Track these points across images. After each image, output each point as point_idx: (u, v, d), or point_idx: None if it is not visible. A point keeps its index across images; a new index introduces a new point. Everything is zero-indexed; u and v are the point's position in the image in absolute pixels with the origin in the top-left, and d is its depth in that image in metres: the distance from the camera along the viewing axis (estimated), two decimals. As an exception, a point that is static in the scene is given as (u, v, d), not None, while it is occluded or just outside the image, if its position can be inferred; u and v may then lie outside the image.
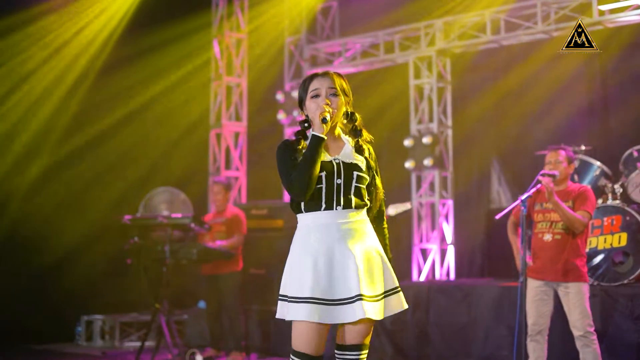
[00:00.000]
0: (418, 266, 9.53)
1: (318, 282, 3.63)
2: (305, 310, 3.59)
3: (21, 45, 9.73)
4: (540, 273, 5.90)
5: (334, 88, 3.76)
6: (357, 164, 3.75)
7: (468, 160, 10.01)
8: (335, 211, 3.70)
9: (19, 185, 9.67)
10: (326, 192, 3.71)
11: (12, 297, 9.48)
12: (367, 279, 3.64)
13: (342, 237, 3.68)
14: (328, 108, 3.69)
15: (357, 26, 10.47)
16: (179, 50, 10.39)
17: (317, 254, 3.67)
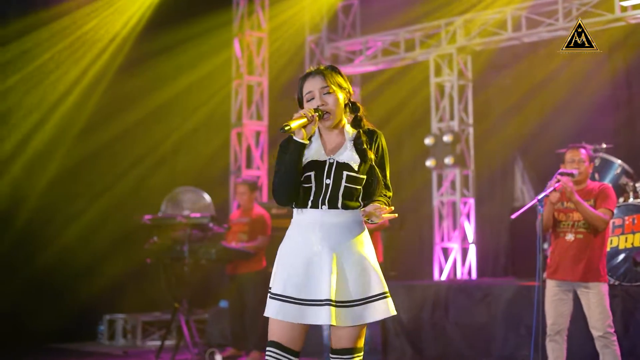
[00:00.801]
0: (439, 265, 9.48)
1: (293, 281, 3.58)
2: (275, 307, 3.58)
3: (44, 44, 9.80)
4: (560, 273, 5.83)
5: (327, 86, 3.68)
6: (349, 164, 3.64)
7: (490, 158, 9.94)
8: (321, 210, 3.64)
9: (39, 183, 9.72)
10: (315, 191, 3.64)
11: (35, 297, 9.55)
12: (341, 284, 3.56)
13: (323, 238, 3.61)
14: (309, 112, 3.60)
15: (377, 24, 10.43)
16: (200, 49, 10.39)
17: (298, 252, 3.63)
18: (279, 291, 3.59)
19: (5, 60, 9.53)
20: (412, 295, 8.09)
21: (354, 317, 3.55)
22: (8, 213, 9.46)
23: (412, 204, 10.37)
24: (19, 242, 9.47)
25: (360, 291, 3.56)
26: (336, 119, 3.70)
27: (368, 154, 3.66)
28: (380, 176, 3.71)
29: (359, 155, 3.66)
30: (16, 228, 9.46)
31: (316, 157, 3.68)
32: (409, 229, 10.14)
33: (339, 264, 3.58)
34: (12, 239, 9.42)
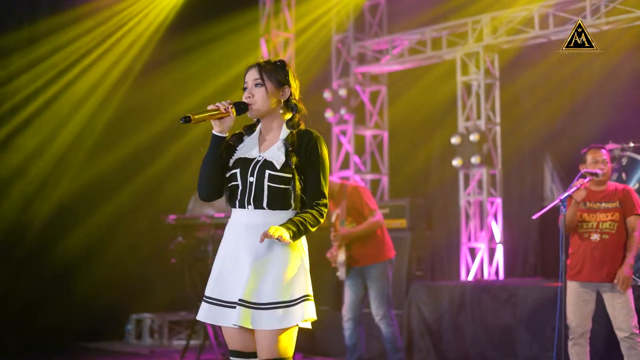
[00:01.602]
0: (466, 265, 9.41)
1: (218, 282, 3.56)
2: (202, 310, 3.58)
3: (71, 42, 9.88)
4: (584, 274, 5.75)
5: (258, 78, 3.61)
6: (272, 162, 3.55)
7: (519, 157, 9.85)
8: (247, 210, 3.57)
9: (64, 180, 9.80)
10: (241, 190, 3.57)
11: (63, 297, 9.63)
12: (259, 286, 3.46)
13: (247, 238, 3.53)
14: (223, 105, 3.54)
15: (404, 23, 10.37)
16: (226, 49, 10.39)
17: (226, 253, 3.60)
18: (207, 292, 3.59)
19: (34, 58, 9.63)
20: (437, 296, 8.05)
21: (271, 321, 3.44)
22: (32, 211, 9.55)
23: (439, 204, 10.31)
24: (46, 240, 9.56)
25: (279, 294, 3.46)
26: (260, 113, 3.64)
27: (290, 157, 3.55)
28: (313, 180, 3.61)
29: (285, 156, 3.56)
30: (42, 226, 9.54)
31: (245, 155, 3.63)
32: (436, 228, 10.08)
33: (260, 265, 3.48)
34: (38, 237, 9.51)
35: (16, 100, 9.52)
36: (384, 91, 10.71)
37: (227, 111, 3.54)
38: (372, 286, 6.95)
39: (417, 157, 10.61)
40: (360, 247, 6.91)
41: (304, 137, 3.63)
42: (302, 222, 3.52)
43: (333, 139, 10.69)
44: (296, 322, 3.48)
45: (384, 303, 6.95)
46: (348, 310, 7.06)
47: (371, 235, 6.94)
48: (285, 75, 3.68)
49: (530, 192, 9.87)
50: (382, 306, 6.94)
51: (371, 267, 6.93)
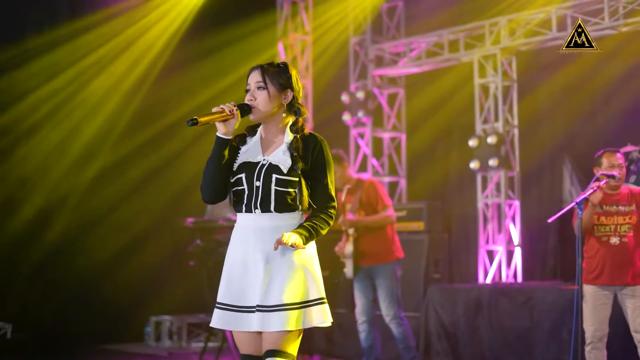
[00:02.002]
0: (484, 268, 9.39)
1: (229, 288, 3.56)
2: (216, 316, 3.58)
3: (91, 46, 9.97)
4: (604, 278, 5.74)
5: (261, 81, 3.59)
6: (279, 166, 3.55)
7: (537, 159, 9.81)
8: (254, 214, 3.56)
9: (82, 183, 9.88)
10: (247, 194, 3.57)
11: (83, 299, 9.71)
12: (271, 289, 3.48)
13: (257, 242, 3.54)
14: (228, 107, 3.53)
15: (421, 25, 10.37)
16: (244, 52, 10.44)
17: (234, 257, 3.60)
18: (219, 299, 3.59)
19: (54, 61, 9.72)
20: (454, 299, 8.04)
21: (284, 322, 3.43)
22: (52, 214, 9.62)
23: (457, 206, 10.30)
24: (66, 244, 9.63)
25: (293, 296, 3.47)
26: (262, 116, 3.62)
27: (297, 161, 3.55)
28: (321, 184, 3.63)
29: (292, 160, 3.56)
30: (62, 229, 9.61)
31: (250, 159, 3.63)
32: (454, 231, 10.07)
33: (271, 268, 3.50)
34: (59, 240, 9.58)
35: (37, 103, 9.62)
36: (401, 93, 10.71)
37: (232, 113, 3.53)
38: (381, 286, 6.95)
39: (435, 160, 10.60)
40: (368, 243, 6.92)
41: (309, 141, 3.62)
42: (313, 226, 3.54)
43: (351, 141, 10.70)
44: (307, 325, 3.49)
45: (394, 303, 6.96)
46: (361, 313, 7.09)
47: (381, 232, 6.96)
48: (288, 79, 3.65)
49: (549, 195, 9.83)
50: (391, 307, 6.95)
51: (380, 267, 6.95)
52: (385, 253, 6.98)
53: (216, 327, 3.59)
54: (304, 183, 3.57)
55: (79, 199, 9.79)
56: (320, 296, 3.55)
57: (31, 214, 9.42)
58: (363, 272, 6.98)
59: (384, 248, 6.99)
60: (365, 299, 7.04)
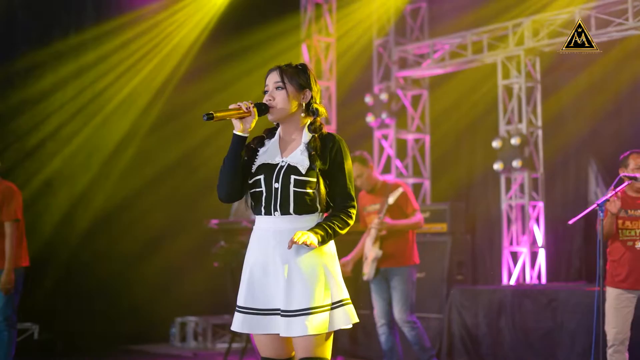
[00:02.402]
0: (508, 269, 9.37)
1: (250, 291, 3.54)
2: (237, 320, 3.57)
3: (117, 50, 10.07)
4: (630, 282, 5.73)
5: (279, 81, 3.58)
6: (297, 167, 3.53)
7: (562, 160, 9.78)
8: (273, 217, 3.53)
9: (109, 188, 9.97)
10: (266, 197, 3.54)
11: (110, 300, 9.81)
12: (292, 293, 3.45)
13: (277, 245, 3.50)
14: (245, 104, 3.52)
15: (445, 27, 10.37)
16: (268, 54, 10.47)
17: (254, 261, 3.58)
18: (239, 302, 3.58)
19: (80, 64, 9.83)
20: (477, 300, 8.04)
21: (308, 327, 3.41)
22: (78, 215, 9.72)
23: (481, 207, 10.28)
24: (92, 245, 9.73)
25: (315, 299, 3.44)
26: (280, 116, 3.62)
27: (315, 160, 3.54)
28: (340, 183, 3.60)
29: (310, 160, 3.54)
30: (87, 231, 9.71)
31: (269, 160, 3.61)
32: (478, 232, 10.06)
33: (292, 271, 3.47)
34: (84, 241, 9.68)
35: (62, 105, 9.73)
36: (425, 95, 10.72)
37: (249, 110, 3.52)
38: (396, 289, 6.96)
39: (459, 161, 10.59)
40: (389, 246, 6.92)
41: (327, 140, 3.60)
42: (330, 225, 3.52)
43: (374, 143, 10.72)
44: (334, 328, 3.47)
45: (407, 308, 6.95)
46: (380, 315, 7.10)
47: (403, 235, 6.98)
48: (306, 79, 3.64)
49: (574, 196, 9.79)
50: (404, 311, 6.95)
51: (397, 270, 6.95)
52: (404, 256, 7.00)
53: (237, 331, 3.58)
54: (322, 183, 3.55)
55: (104, 200, 9.89)
56: (342, 297, 3.52)
57: (57, 215, 9.54)
58: (380, 274, 6.99)
59: (404, 251, 7.00)
60: (383, 301, 7.06)
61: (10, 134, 9.31)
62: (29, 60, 9.49)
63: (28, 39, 9.56)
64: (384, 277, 7.02)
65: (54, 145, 9.65)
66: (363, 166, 7.02)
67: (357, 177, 7.01)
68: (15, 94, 9.40)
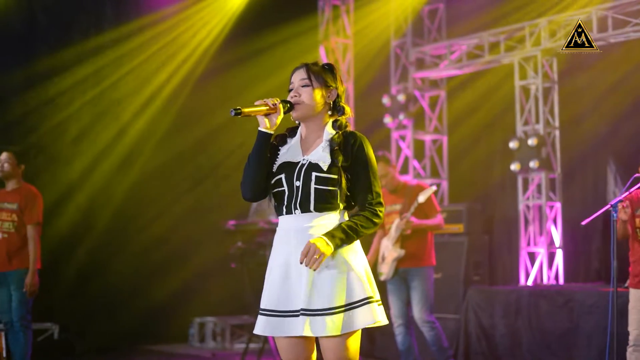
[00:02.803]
0: (525, 270, 9.37)
1: (272, 293, 3.48)
2: (260, 323, 3.51)
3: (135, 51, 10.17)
4: None
5: (306, 79, 3.55)
6: (319, 164, 3.47)
7: (581, 160, 9.75)
8: (294, 215, 3.48)
9: (127, 188, 10.05)
10: (287, 195, 3.49)
11: (130, 301, 9.89)
12: (317, 291, 3.39)
13: (298, 244, 3.43)
14: (272, 101, 3.48)
15: (462, 27, 10.38)
16: (285, 55, 10.52)
17: (277, 262, 3.51)
18: (263, 305, 3.52)
19: (99, 66, 9.93)
20: (493, 301, 8.04)
21: (332, 326, 3.35)
22: (96, 214, 9.82)
23: (499, 208, 10.28)
24: (110, 244, 9.83)
25: (338, 298, 3.36)
26: (306, 113, 3.57)
27: (337, 156, 3.47)
28: (363, 180, 3.52)
29: (331, 156, 3.48)
30: (105, 230, 9.80)
31: (290, 159, 3.56)
32: (496, 233, 10.06)
33: (316, 270, 3.39)
34: (102, 241, 9.78)
35: (82, 107, 9.84)
36: (443, 96, 10.72)
37: (275, 107, 3.47)
38: (416, 289, 6.97)
39: (477, 161, 10.59)
40: (412, 245, 6.95)
41: (350, 137, 3.53)
42: (352, 226, 3.44)
43: (392, 144, 10.74)
44: (359, 327, 3.39)
45: (427, 308, 6.97)
46: (397, 315, 7.10)
47: (423, 236, 7.00)
48: (333, 78, 3.62)
49: (593, 196, 9.76)
50: (424, 311, 6.97)
51: (417, 270, 6.97)
52: (424, 257, 7.02)
53: (260, 334, 3.52)
54: (344, 179, 3.49)
55: (123, 201, 9.98)
56: (366, 296, 3.41)
57: (77, 216, 9.63)
58: (398, 274, 7.01)
59: (423, 252, 7.02)
60: (400, 302, 7.07)
61: (31, 136, 9.41)
62: (49, 62, 9.60)
63: (48, 42, 9.68)
64: (402, 277, 7.03)
65: (75, 146, 9.75)
66: (387, 166, 7.05)
67: (381, 177, 7.02)
68: (36, 96, 9.52)
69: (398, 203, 7.05)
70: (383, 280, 7.08)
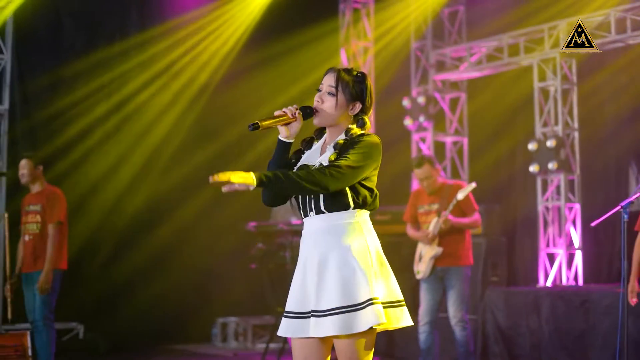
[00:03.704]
0: (545, 271, 9.40)
1: (292, 295, 3.51)
2: (282, 325, 3.54)
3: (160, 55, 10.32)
4: None
5: (333, 86, 3.51)
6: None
7: (602, 162, 9.77)
8: (310, 218, 3.50)
9: (151, 187, 10.22)
10: (302, 199, 3.52)
11: (154, 301, 10.03)
12: (324, 293, 3.39)
13: (313, 246, 3.46)
14: (290, 110, 3.48)
15: (481, 30, 10.43)
16: (306, 58, 10.63)
17: (298, 264, 3.54)
18: (286, 307, 3.55)
19: (125, 70, 10.10)
20: (511, 302, 8.10)
21: (332, 327, 3.34)
22: (118, 212, 9.96)
23: (520, 209, 10.32)
24: (133, 244, 9.96)
25: (342, 299, 3.35)
26: (325, 121, 3.56)
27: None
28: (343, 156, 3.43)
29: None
30: (127, 230, 9.92)
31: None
32: (515, 234, 10.10)
33: (324, 270, 3.41)
34: (126, 241, 9.92)
35: (108, 111, 10.01)
36: (463, 97, 10.78)
37: (294, 116, 3.48)
38: (454, 288, 7.04)
39: (497, 163, 10.63)
40: (450, 244, 7.03)
41: (353, 137, 3.51)
42: (286, 173, 3.34)
43: (413, 146, 10.81)
44: (363, 328, 3.32)
45: (463, 306, 7.05)
46: (425, 313, 7.16)
47: (461, 235, 7.10)
48: (361, 90, 3.55)
49: (615, 198, 9.75)
50: (460, 309, 7.04)
51: (454, 269, 7.05)
52: (462, 256, 7.10)
53: (281, 335, 3.54)
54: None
55: (146, 202, 10.11)
56: (370, 297, 3.35)
57: (101, 218, 9.78)
58: (435, 273, 7.08)
59: (462, 251, 7.10)
60: (432, 300, 7.13)
61: (57, 140, 9.59)
62: (75, 67, 9.78)
63: (74, 47, 9.86)
64: (439, 276, 7.11)
65: (100, 149, 9.91)
66: (432, 169, 7.14)
67: (424, 179, 7.13)
68: (62, 100, 9.70)
69: (436, 202, 7.12)
70: (419, 278, 7.14)
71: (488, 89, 10.54)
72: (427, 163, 7.06)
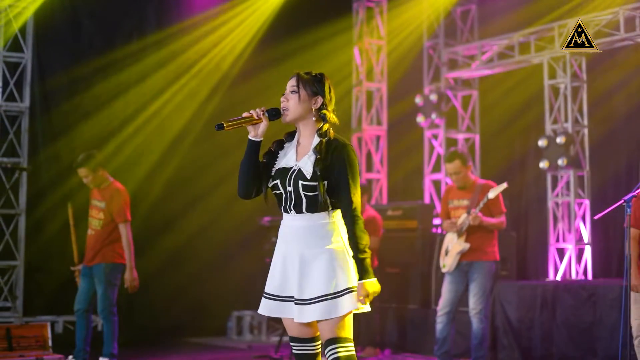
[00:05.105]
0: (555, 266, 9.52)
1: (272, 280, 3.96)
2: (262, 304, 3.99)
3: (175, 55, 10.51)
4: None
5: (295, 86, 3.92)
6: (303, 173, 3.85)
7: (611, 159, 9.86)
8: (291, 215, 3.92)
9: (165, 183, 10.41)
10: (284, 197, 3.90)
11: (170, 295, 10.23)
12: (306, 285, 3.80)
13: (292, 240, 3.90)
14: (256, 112, 3.89)
15: (492, 28, 10.55)
16: (320, 56, 10.80)
17: (278, 253, 3.98)
18: (266, 290, 3.99)
19: (142, 68, 10.30)
20: (520, 295, 8.24)
21: (315, 313, 3.78)
22: (138, 210, 10.00)
23: (530, 205, 10.44)
24: (153, 241, 10.09)
25: (323, 288, 3.78)
26: (292, 118, 3.93)
27: (317, 165, 3.83)
28: (342, 186, 3.86)
29: (313, 166, 3.84)
30: (144, 225, 9.93)
31: (285, 164, 3.95)
32: (525, 229, 10.22)
33: (305, 265, 3.83)
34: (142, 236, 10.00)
35: (125, 108, 10.21)
36: (475, 95, 10.91)
37: (260, 117, 3.89)
38: (475, 281, 7.21)
39: (508, 159, 10.74)
40: (476, 240, 7.21)
41: (332, 144, 3.88)
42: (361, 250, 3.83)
43: (425, 143, 10.95)
44: (342, 313, 3.79)
45: (484, 299, 7.21)
46: (445, 304, 7.33)
47: (490, 232, 7.29)
48: (320, 87, 3.95)
49: (624, 194, 9.83)
50: (481, 302, 7.20)
51: (479, 263, 7.23)
52: (487, 251, 7.28)
53: (262, 314, 4.00)
54: (322, 187, 3.82)
55: (162, 198, 10.29)
56: (349, 286, 3.82)
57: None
58: (460, 267, 7.25)
59: (488, 247, 7.28)
60: (453, 293, 7.30)
61: (76, 136, 9.78)
62: (94, 65, 9.98)
63: (92, 46, 10.05)
64: (464, 270, 7.29)
65: (117, 144, 10.08)
66: (462, 165, 7.34)
67: (454, 174, 7.36)
68: (81, 97, 9.90)
69: (466, 198, 7.29)
70: (445, 272, 7.32)
71: (499, 86, 10.66)
72: (457, 159, 7.26)
